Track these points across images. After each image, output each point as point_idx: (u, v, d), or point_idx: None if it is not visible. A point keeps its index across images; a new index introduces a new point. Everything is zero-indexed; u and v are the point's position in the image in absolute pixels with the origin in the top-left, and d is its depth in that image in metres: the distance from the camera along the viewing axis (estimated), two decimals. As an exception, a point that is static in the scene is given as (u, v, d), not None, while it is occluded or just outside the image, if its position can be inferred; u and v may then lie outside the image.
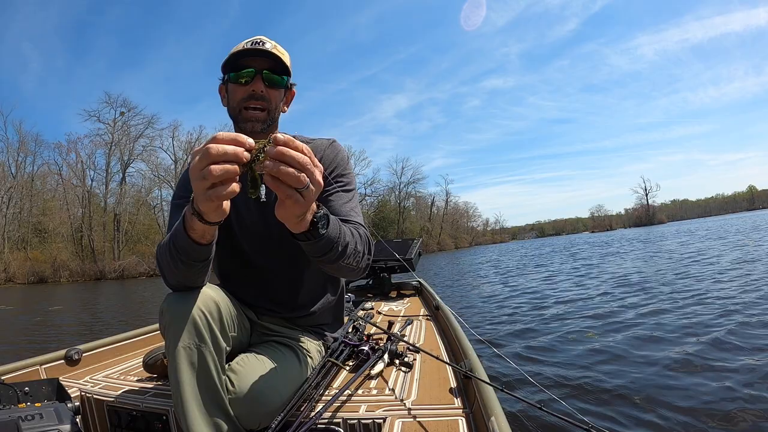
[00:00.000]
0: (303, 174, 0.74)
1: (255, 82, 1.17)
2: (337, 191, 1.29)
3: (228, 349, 1.06)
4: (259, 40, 1.18)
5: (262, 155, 0.72)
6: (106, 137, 40.15)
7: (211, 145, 0.71)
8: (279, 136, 0.73)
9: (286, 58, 1.20)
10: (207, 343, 0.99)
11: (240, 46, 1.18)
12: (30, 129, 44.74)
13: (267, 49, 1.15)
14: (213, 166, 0.71)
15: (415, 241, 3.56)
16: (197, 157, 0.73)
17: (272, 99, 1.21)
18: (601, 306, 5.09)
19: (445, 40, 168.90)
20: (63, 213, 38.22)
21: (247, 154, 0.72)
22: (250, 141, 0.73)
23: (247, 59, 1.17)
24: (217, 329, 1.02)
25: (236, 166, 0.72)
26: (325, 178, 1.26)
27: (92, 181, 40.38)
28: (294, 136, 1.32)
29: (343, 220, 1.16)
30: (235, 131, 1.24)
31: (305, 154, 0.75)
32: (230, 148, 0.71)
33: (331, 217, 0.97)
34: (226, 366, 1.08)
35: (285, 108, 1.30)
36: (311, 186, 0.77)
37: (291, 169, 0.72)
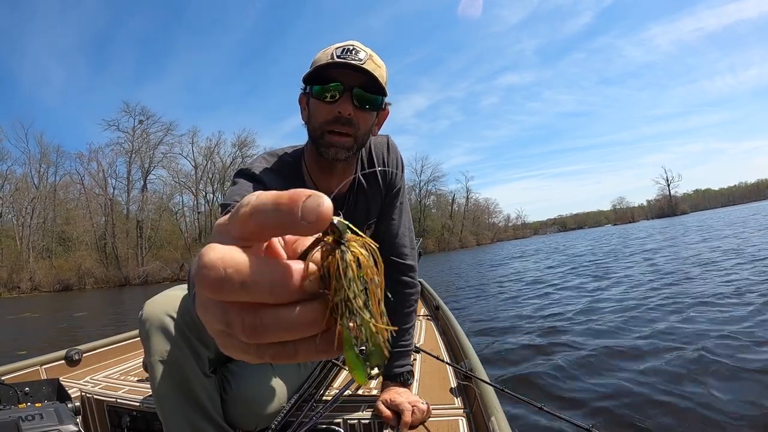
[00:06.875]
0: None
1: (342, 102, 0.93)
2: (394, 218, 1.20)
3: (210, 355, 1.01)
4: (351, 47, 0.94)
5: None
6: (126, 146, 41.15)
7: (224, 272, 0.21)
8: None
9: (382, 72, 0.97)
10: (184, 351, 0.97)
11: (328, 53, 0.94)
12: (51, 140, 45.99)
13: (360, 62, 0.92)
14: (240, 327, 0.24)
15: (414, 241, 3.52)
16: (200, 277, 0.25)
17: (361, 123, 0.97)
18: (604, 305, 4.95)
19: (459, 39, 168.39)
20: (86, 221, 39.22)
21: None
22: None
23: (335, 71, 0.93)
24: (194, 337, 0.98)
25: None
26: (387, 194, 1.18)
27: (114, 189, 41.32)
28: None
29: (394, 258, 1.20)
30: (316, 155, 1.03)
31: None
32: (265, 283, 0.21)
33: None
34: (224, 367, 1.07)
35: (376, 130, 1.07)
36: None
37: None
